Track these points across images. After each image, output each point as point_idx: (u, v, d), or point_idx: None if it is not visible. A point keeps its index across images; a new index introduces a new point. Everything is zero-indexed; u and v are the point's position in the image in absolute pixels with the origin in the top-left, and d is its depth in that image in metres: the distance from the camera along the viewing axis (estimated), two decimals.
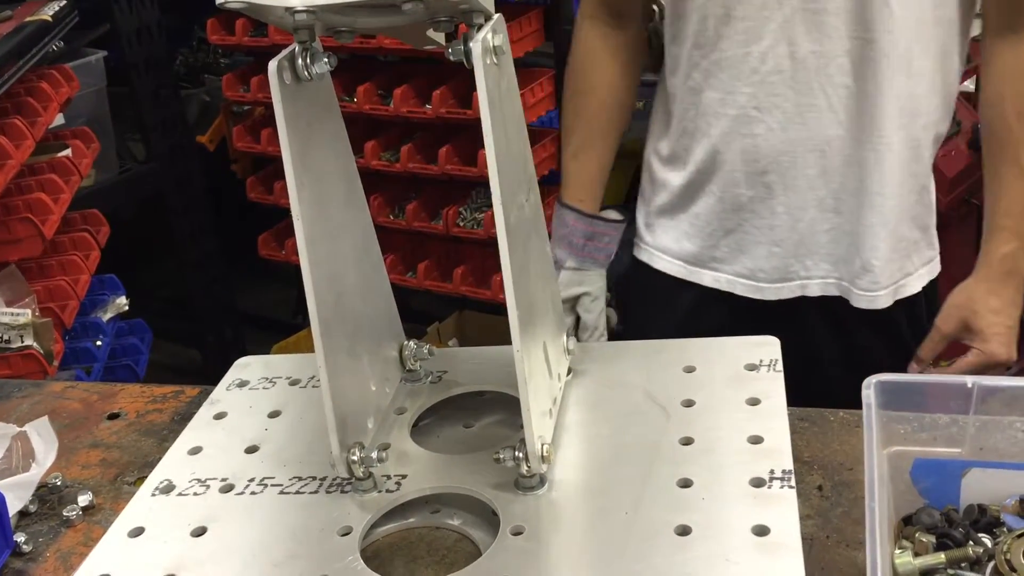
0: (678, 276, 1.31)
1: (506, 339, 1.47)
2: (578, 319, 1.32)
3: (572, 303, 1.32)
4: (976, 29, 1.24)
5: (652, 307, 1.35)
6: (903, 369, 1.32)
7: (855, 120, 1.17)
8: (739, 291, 1.28)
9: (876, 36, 1.13)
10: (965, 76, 2.15)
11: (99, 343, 2.05)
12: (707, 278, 1.30)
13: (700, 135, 1.24)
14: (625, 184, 3.05)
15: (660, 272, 1.33)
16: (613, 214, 1.36)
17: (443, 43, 0.86)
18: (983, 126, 1.24)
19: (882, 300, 1.25)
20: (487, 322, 2.97)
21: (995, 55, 1.19)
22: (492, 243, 2.62)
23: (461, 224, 2.63)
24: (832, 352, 1.31)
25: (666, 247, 1.32)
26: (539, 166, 2.44)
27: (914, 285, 1.28)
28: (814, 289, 1.27)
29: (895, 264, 1.25)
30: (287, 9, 0.72)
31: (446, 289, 2.71)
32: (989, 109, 1.21)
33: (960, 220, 2.15)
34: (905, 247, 1.25)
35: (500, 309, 3.01)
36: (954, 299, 1.25)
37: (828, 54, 1.14)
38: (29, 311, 1.71)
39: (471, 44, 0.74)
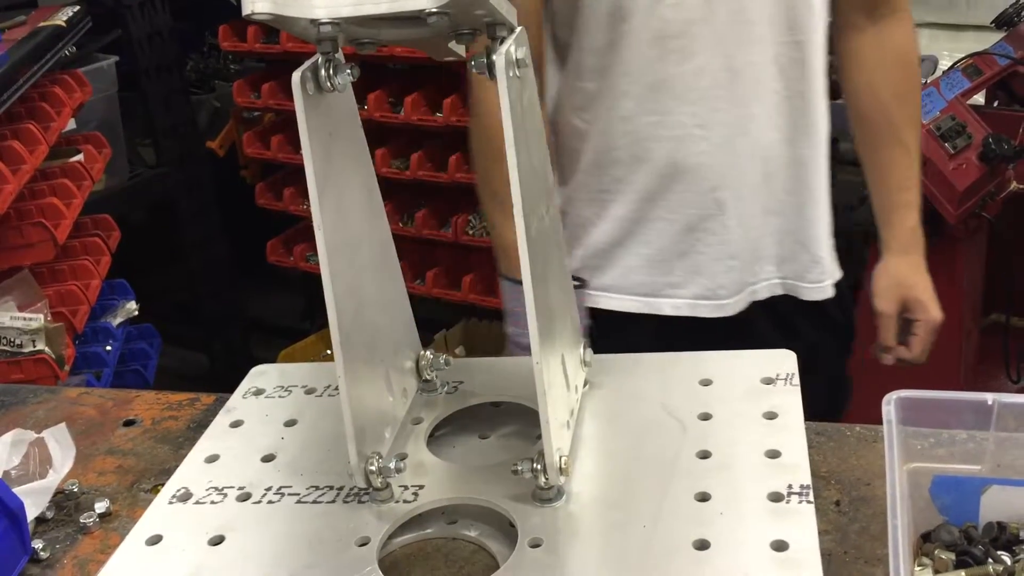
0: (633, 311, 1.28)
1: None
2: None
3: None
4: None
5: (604, 350, 1.29)
6: (842, 358, 1.40)
7: (788, 122, 1.22)
8: (702, 313, 1.27)
9: (805, 38, 1.18)
10: (973, 91, 2.16)
11: (109, 348, 2.06)
12: (666, 307, 1.27)
13: (637, 163, 1.22)
14: None
15: (609, 312, 1.28)
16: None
17: (464, 55, 0.86)
18: (856, 117, 1.31)
19: (829, 289, 1.30)
20: (494, 330, 2.97)
21: (858, 49, 1.27)
22: None
23: (470, 232, 2.64)
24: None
25: (612, 285, 1.28)
26: None
27: (839, 271, 1.34)
28: (762, 292, 1.28)
29: (833, 252, 1.30)
30: (312, 21, 0.72)
31: (454, 297, 2.71)
32: (862, 98, 1.29)
33: (971, 234, 2.15)
34: (833, 234, 1.32)
35: None
36: (883, 281, 1.31)
37: (760, 62, 1.18)
38: (42, 316, 1.72)
39: (494, 57, 0.75)
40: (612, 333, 1.28)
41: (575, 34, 1.21)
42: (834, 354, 1.37)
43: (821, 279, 1.28)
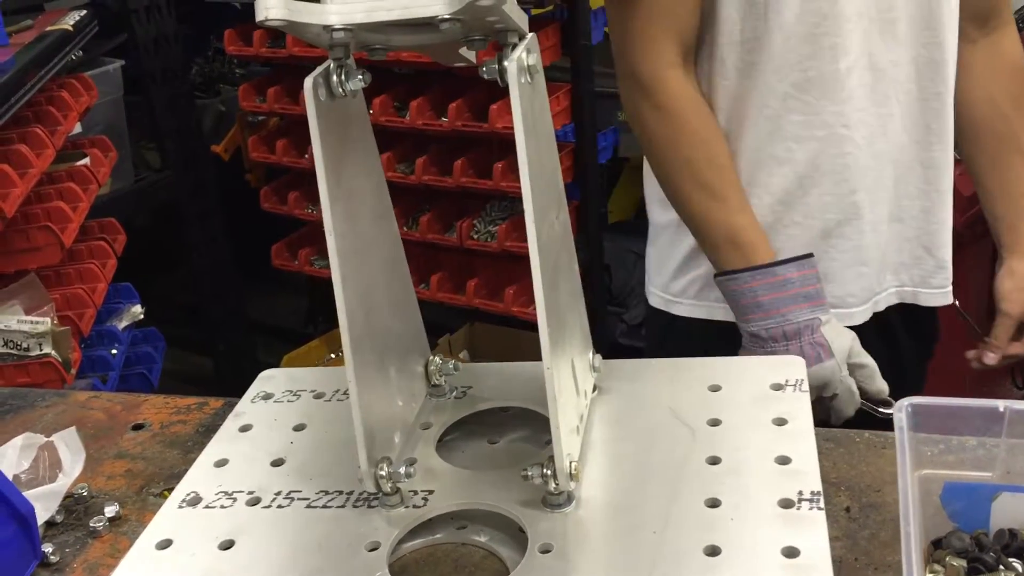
0: None
1: (517, 352, 1.45)
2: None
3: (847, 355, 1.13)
4: None
5: None
6: (924, 364, 1.40)
7: (918, 124, 1.20)
8: None
9: (943, 38, 1.17)
10: None
11: (115, 351, 2.06)
12: None
13: (776, 165, 1.18)
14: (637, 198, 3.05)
15: (725, 323, 1.22)
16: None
17: (475, 61, 0.86)
18: (971, 129, 1.30)
19: (951, 295, 1.29)
20: (498, 334, 2.98)
21: (972, 60, 1.26)
22: (505, 256, 2.65)
23: (475, 237, 2.64)
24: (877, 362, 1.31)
25: None
26: None
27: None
28: (882, 302, 1.26)
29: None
30: (325, 27, 0.73)
31: (459, 301, 2.71)
32: (980, 109, 1.28)
33: (976, 239, 2.14)
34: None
35: (512, 322, 3.01)
36: (1010, 283, 1.30)
37: (900, 62, 1.17)
38: (48, 319, 1.72)
39: (506, 63, 0.75)
40: (728, 347, 1.19)
41: (719, 27, 1.16)
42: (918, 362, 1.38)
43: (945, 284, 1.27)
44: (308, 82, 0.76)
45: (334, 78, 0.77)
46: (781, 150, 1.18)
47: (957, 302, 1.48)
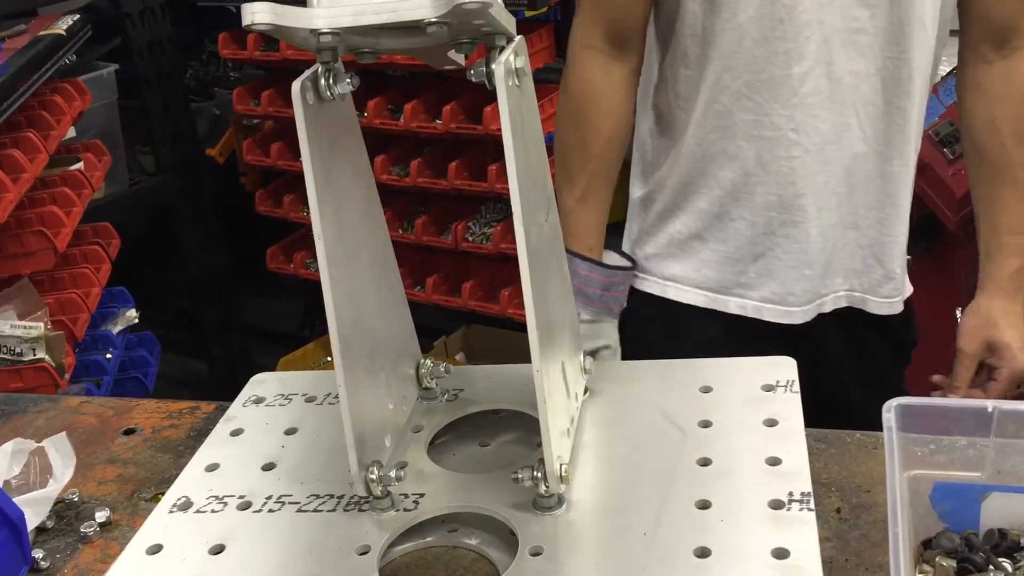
0: (699, 305, 1.28)
1: (513, 354, 1.45)
2: None
3: (591, 356, 1.26)
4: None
5: (668, 340, 1.29)
6: (901, 370, 1.39)
7: (880, 136, 1.20)
8: (767, 317, 1.26)
9: (912, 55, 1.16)
10: None
11: (109, 356, 2.06)
12: (732, 305, 1.26)
13: (727, 159, 1.21)
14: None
15: (676, 303, 1.29)
16: (619, 259, 1.31)
17: (463, 64, 0.86)
18: (972, 149, 1.27)
19: (899, 305, 1.29)
20: (494, 336, 2.98)
21: (983, 81, 1.23)
22: (501, 258, 2.65)
23: (470, 239, 2.64)
24: (845, 364, 1.32)
25: (682, 276, 1.28)
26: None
27: (909, 287, 1.34)
28: (828, 305, 1.27)
29: (905, 269, 1.29)
30: (312, 31, 0.73)
31: (454, 303, 2.71)
32: (982, 131, 1.25)
33: (968, 239, 2.15)
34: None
35: (508, 324, 3.00)
36: (971, 320, 1.27)
37: (863, 73, 1.16)
38: (42, 324, 1.72)
39: (494, 66, 0.75)
40: (679, 327, 1.28)
41: (682, 20, 1.18)
42: (893, 366, 1.38)
43: (893, 295, 1.27)
44: (296, 86, 0.76)
45: (322, 82, 0.77)
46: (732, 146, 1.20)
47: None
